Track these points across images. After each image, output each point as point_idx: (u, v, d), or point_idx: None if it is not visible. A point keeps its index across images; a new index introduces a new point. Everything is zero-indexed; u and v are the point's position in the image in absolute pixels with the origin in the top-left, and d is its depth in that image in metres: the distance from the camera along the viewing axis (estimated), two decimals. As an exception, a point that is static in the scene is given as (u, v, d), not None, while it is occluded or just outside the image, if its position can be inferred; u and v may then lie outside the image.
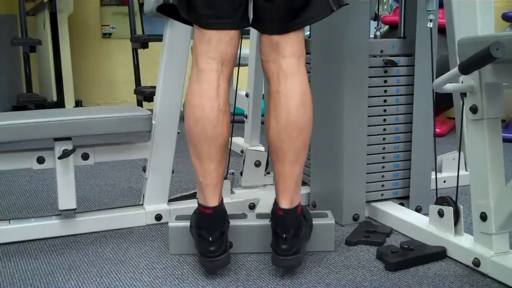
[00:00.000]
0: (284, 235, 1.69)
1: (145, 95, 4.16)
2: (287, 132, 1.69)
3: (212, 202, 1.71)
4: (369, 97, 2.13)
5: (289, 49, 1.69)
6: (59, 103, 4.45)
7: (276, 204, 1.75)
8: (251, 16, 1.71)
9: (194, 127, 1.69)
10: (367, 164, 2.18)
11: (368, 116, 2.14)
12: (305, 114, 1.70)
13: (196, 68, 1.71)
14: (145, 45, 4.30)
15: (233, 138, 3.11)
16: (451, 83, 1.70)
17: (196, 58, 1.70)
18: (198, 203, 1.76)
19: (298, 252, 1.71)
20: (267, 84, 1.76)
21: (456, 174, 1.92)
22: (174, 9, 1.74)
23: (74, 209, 2.05)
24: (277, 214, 1.74)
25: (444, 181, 2.57)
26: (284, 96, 1.68)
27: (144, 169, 2.19)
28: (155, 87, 2.22)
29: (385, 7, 3.89)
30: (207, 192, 1.72)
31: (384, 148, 2.21)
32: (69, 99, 4.62)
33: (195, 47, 1.71)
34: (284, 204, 1.72)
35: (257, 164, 2.36)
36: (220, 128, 1.68)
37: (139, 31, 4.56)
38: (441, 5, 2.42)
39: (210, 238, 1.68)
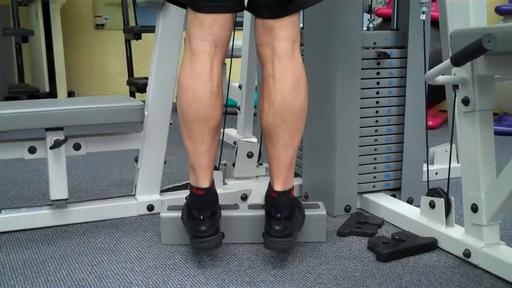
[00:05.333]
0: (278, 215, 1.70)
1: (137, 86, 4.16)
2: (280, 116, 1.68)
3: (204, 183, 1.72)
4: (361, 89, 2.13)
5: (284, 33, 1.68)
6: (52, 94, 4.43)
7: (270, 187, 1.76)
8: None
9: (187, 109, 1.69)
10: (359, 155, 2.18)
11: (361, 108, 2.15)
12: (299, 99, 1.69)
13: (189, 50, 1.70)
14: (138, 36, 4.29)
15: (226, 129, 3.12)
16: (443, 75, 1.71)
17: (190, 40, 1.70)
18: (190, 185, 1.76)
19: (290, 235, 1.71)
20: (261, 68, 1.75)
21: (448, 166, 1.93)
22: None
23: (65, 199, 2.05)
24: (270, 197, 1.75)
25: (436, 173, 2.58)
26: (278, 80, 1.67)
27: (136, 160, 2.18)
28: (147, 79, 2.21)
29: (379, -1, 3.89)
30: (199, 173, 1.72)
31: (376, 140, 2.21)
32: (62, 90, 4.61)
33: (189, 30, 1.71)
34: (278, 187, 1.73)
35: (250, 155, 2.36)
36: (213, 111, 1.68)
37: (132, 22, 4.55)
38: (434, -2, 2.43)
39: (201, 217, 1.69)
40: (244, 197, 2.30)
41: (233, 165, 2.38)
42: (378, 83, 2.17)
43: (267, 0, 1.67)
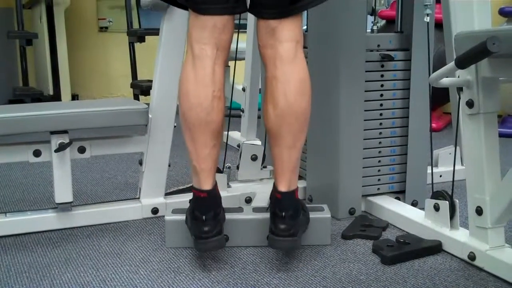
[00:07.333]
0: (283, 213, 1.70)
1: (141, 89, 4.16)
2: (284, 118, 1.69)
3: (207, 186, 1.73)
4: (365, 91, 2.13)
5: (287, 34, 1.68)
6: (56, 97, 4.44)
7: (274, 188, 1.77)
8: (248, 0, 1.70)
9: (189, 113, 1.69)
10: (364, 158, 2.18)
11: (365, 111, 2.15)
12: (302, 101, 1.69)
13: (190, 54, 1.71)
14: (141, 39, 4.30)
15: (229, 132, 3.12)
16: (447, 77, 1.71)
17: (191, 44, 1.70)
18: (193, 188, 1.76)
19: (295, 235, 1.72)
20: (264, 69, 1.75)
21: (452, 168, 1.92)
22: None
23: (70, 203, 2.05)
24: (275, 197, 1.75)
25: (440, 176, 2.58)
26: (281, 82, 1.67)
27: (140, 163, 2.19)
28: (151, 81, 2.22)
29: (382, 1, 3.90)
30: (201, 176, 1.73)
31: (380, 143, 2.21)
32: (66, 92, 4.61)
33: (190, 33, 1.71)
34: (282, 187, 1.74)
35: (254, 158, 2.36)
36: (215, 114, 1.69)
37: (135, 25, 4.56)
38: (438, 0, 2.42)
39: (204, 217, 1.69)
40: (249, 200, 2.30)
41: (237, 168, 2.38)
42: (382, 85, 2.17)
43: (271, 1, 1.66)
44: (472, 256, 1.75)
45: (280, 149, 1.73)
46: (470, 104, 1.67)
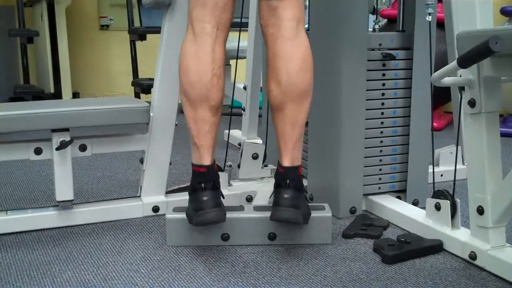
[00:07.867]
0: (287, 181, 1.74)
1: (142, 87, 4.17)
2: (287, 95, 1.73)
3: (206, 161, 1.77)
4: (367, 90, 2.13)
5: (288, 13, 1.72)
6: (57, 95, 4.45)
7: (278, 164, 1.81)
8: None
9: (189, 90, 1.74)
10: (365, 157, 2.18)
11: (366, 109, 2.14)
12: (305, 78, 1.74)
13: (191, 32, 1.75)
14: (143, 37, 4.31)
15: (230, 130, 3.12)
16: (449, 76, 1.71)
17: (192, 22, 1.74)
18: (193, 164, 1.81)
19: (298, 208, 1.74)
20: (266, 48, 1.79)
21: (454, 168, 1.92)
22: None
23: (71, 200, 2.05)
24: (279, 172, 1.80)
25: (441, 175, 2.58)
26: (283, 59, 1.72)
27: (141, 161, 2.19)
28: (152, 79, 2.22)
29: (384, 0, 3.89)
30: (202, 151, 1.77)
31: (381, 142, 2.21)
32: (67, 90, 4.62)
33: (190, 12, 1.75)
34: (286, 162, 1.78)
35: (255, 156, 2.36)
36: (215, 92, 1.74)
37: (136, 23, 4.56)
38: (440, -1, 2.43)
39: (203, 185, 1.74)
40: (249, 199, 2.30)
41: (238, 166, 2.38)
42: (383, 84, 2.17)
43: None
44: (473, 256, 1.74)
45: (283, 125, 1.77)
46: (472, 103, 1.66)
